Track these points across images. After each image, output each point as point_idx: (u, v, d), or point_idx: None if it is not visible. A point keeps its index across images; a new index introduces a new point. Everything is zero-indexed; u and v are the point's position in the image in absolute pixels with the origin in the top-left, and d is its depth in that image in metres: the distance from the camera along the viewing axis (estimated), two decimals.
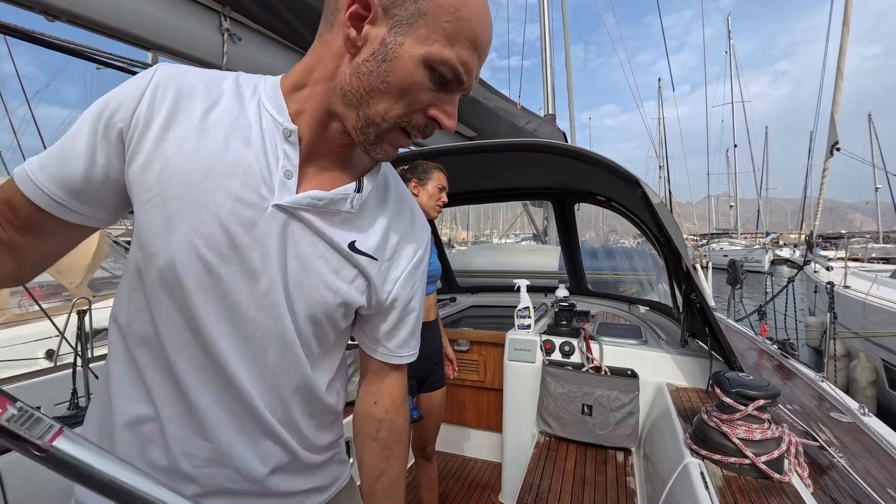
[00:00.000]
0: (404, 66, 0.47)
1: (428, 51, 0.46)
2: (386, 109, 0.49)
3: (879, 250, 15.90)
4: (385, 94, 0.48)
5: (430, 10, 0.45)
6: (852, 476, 1.09)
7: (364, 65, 0.48)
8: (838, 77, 5.86)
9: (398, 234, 0.61)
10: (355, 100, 0.49)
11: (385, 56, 0.47)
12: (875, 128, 26.12)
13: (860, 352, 5.09)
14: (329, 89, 0.51)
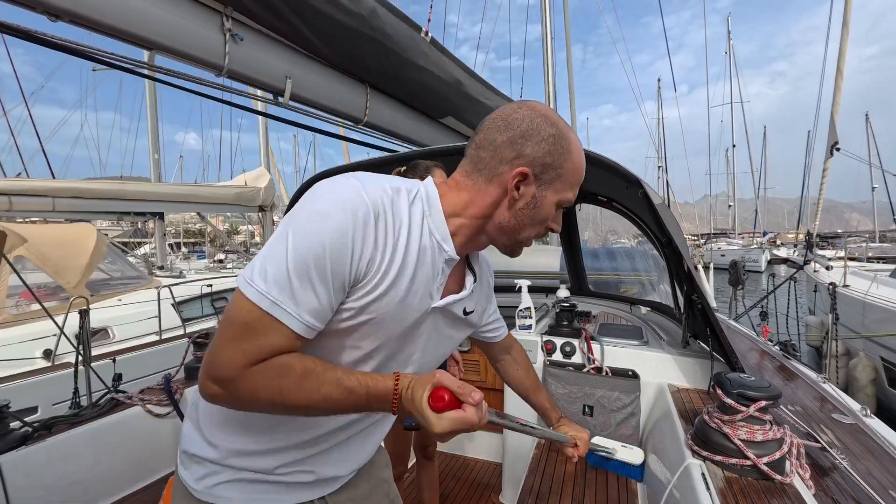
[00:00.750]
0: (547, 209, 0.72)
1: (561, 197, 0.72)
2: (529, 235, 0.75)
3: (876, 249, 15.96)
4: (531, 226, 0.73)
5: (564, 173, 0.70)
6: (854, 477, 1.10)
7: (520, 211, 0.71)
8: (838, 77, 5.87)
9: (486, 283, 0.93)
10: (510, 230, 0.73)
11: (535, 205, 0.71)
12: (872, 128, 26.20)
13: (860, 351, 5.11)
14: (482, 222, 0.72)
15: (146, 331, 4.24)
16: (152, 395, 1.81)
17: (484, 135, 0.70)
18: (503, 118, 0.69)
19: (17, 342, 3.47)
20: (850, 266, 6.28)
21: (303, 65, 1.95)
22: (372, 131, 2.51)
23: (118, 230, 16.11)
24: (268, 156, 8.99)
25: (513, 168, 0.68)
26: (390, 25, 2.06)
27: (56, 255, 4.04)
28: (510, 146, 0.68)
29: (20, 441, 1.42)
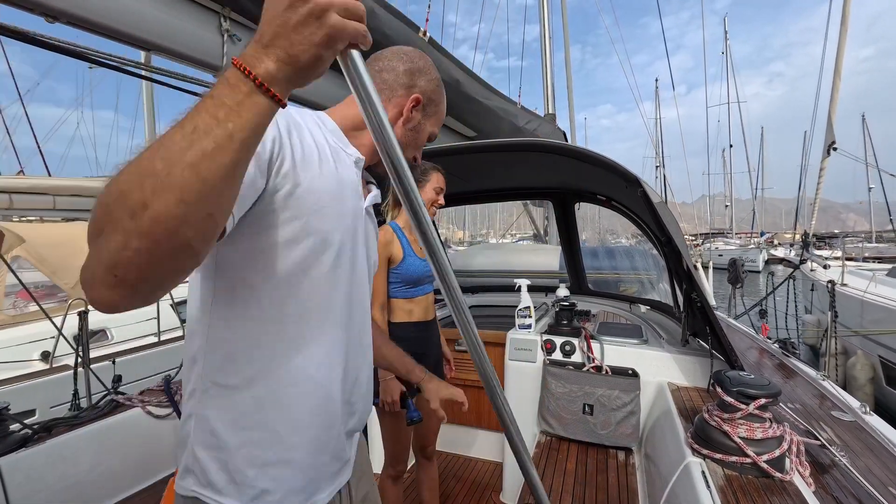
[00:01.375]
0: (423, 136, 0.87)
1: (433, 130, 0.89)
2: (407, 156, 0.73)
3: (873, 250, 16.03)
4: (410, 148, 0.85)
5: (439, 111, 0.89)
6: (854, 475, 1.10)
7: (409, 132, 0.83)
8: (835, 78, 5.89)
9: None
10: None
11: (418, 130, 0.85)
12: (868, 128, 26.30)
13: (858, 349, 5.13)
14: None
15: (145, 332, 4.23)
16: (152, 396, 1.81)
17: (387, 62, 0.80)
18: (403, 52, 0.83)
19: (14, 344, 3.46)
20: (847, 265, 6.31)
21: None
22: None
23: None
24: None
25: (410, 93, 0.81)
26: (388, 25, 2.06)
27: (54, 255, 4.02)
28: (408, 75, 0.81)
29: (20, 443, 1.41)
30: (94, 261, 0.41)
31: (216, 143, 0.41)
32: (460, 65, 2.69)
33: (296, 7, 0.43)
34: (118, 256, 0.40)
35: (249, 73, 0.43)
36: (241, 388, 0.63)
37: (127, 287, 0.42)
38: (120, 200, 0.40)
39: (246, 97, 0.43)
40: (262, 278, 0.63)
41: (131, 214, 0.39)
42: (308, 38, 0.44)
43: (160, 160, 0.40)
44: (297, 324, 0.66)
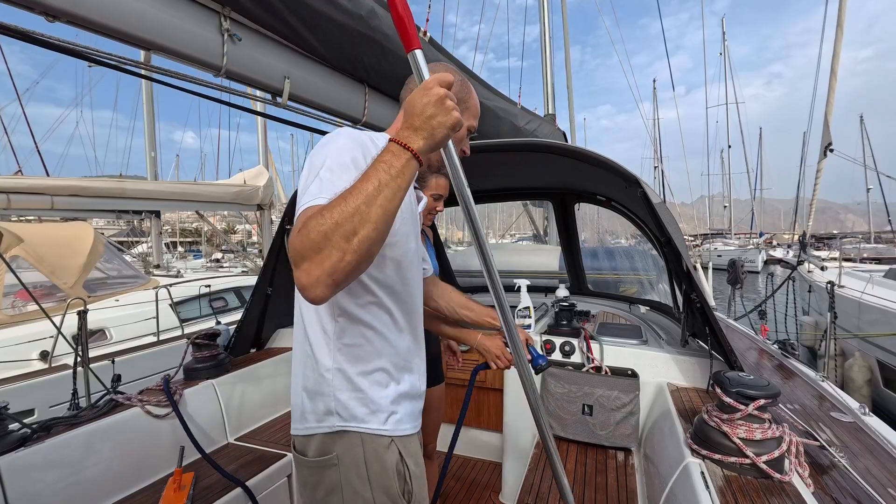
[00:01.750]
0: (461, 132, 1.03)
1: (468, 124, 1.04)
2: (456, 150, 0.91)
3: (871, 250, 16.04)
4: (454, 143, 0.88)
5: (469, 107, 1.05)
6: (853, 476, 1.10)
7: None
8: (832, 79, 5.91)
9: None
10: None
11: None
12: (867, 129, 26.34)
13: (856, 351, 5.14)
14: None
15: (144, 332, 4.22)
16: (151, 396, 1.80)
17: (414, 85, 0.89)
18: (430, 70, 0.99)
19: (12, 344, 3.44)
20: (844, 267, 6.32)
21: (301, 65, 1.95)
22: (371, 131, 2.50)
23: (114, 229, 16.03)
24: (266, 155, 8.96)
25: None
26: (389, 25, 2.06)
27: (53, 254, 4.01)
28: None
29: (19, 442, 1.41)
30: (317, 270, 0.64)
31: (392, 191, 0.68)
32: (460, 65, 2.70)
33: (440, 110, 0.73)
34: (337, 266, 0.65)
35: (409, 147, 0.71)
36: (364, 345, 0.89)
37: (337, 286, 0.67)
38: (337, 230, 0.64)
39: (406, 163, 0.70)
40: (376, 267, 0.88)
41: (346, 239, 0.65)
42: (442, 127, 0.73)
43: (363, 203, 0.66)
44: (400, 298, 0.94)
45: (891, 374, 4.72)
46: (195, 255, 18.44)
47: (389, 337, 0.92)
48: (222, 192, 6.55)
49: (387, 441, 0.90)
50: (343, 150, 0.82)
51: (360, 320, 0.89)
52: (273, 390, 2.31)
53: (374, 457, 0.88)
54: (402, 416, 0.93)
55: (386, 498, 0.88)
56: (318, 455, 0.89)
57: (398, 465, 0.90)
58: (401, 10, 0.73)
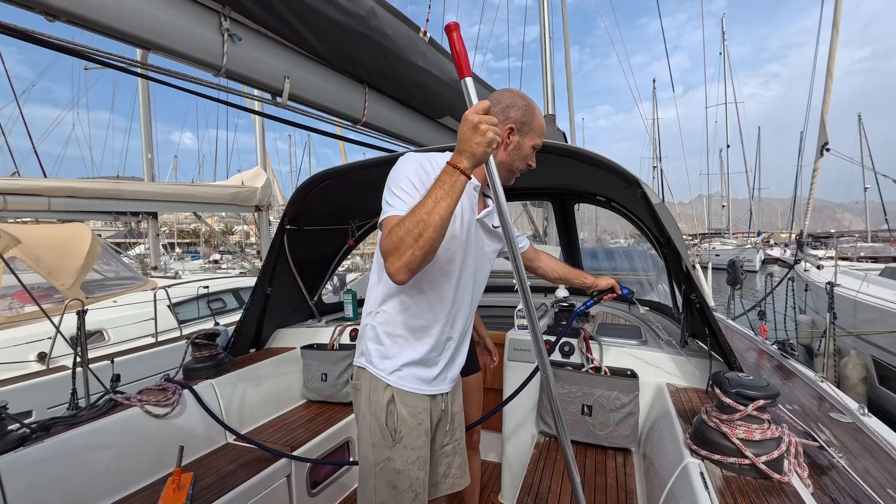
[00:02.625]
0: (525, 150, 1.22)
1: (533, 142, 1.23)
2: (518, 166, 1.25)
3: (868, 249, 16.10)
4: (518, 161, 1.23)
5: (534, 127, 1.21)
6: (852, 476, 1.11)
7: (511, 152, 1.21)
8: (828, 79, 5.94)
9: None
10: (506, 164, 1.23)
11: (519, 147, 1.21)
12: (864, 129, 26.44)
13: (851, 349, 5.17)
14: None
15: (142, 333, 4.21)
16: (151, 395, 1.80)
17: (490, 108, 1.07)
18: (496, 98, 1.19)
19: (10, 345, 3.43)
20: (840, 265, 6.34)
21: (301, 65, 1.94)
22: (370, 131, 2.50)
23: (111, 230, 15.98)
24: (264, 155, 8.94)
25: (505, 125, 1.17)
26: (389, 25, 2.06)
27: (50, 256, 3.99)
28: (502, 113, 1.18)
29: (18, 442, 1.40)
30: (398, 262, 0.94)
31: (447, 203, 0.93)
32: None
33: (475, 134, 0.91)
34: (410, 259, 0.93)
35: (457, 167, 0.93)
36: (393, 313, 1.17)
37: (412, 272, 0.96)
38: (409, 234, 0.92)
39: (457, 179, 0.94)
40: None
41: (415, 240, 0.92)
42: (479, 146, 0.92)
43: (425, 213, 0.92)
44: (431, 287, 1.16)
45: (886, 372, 4.75)
46: (193, 256, 18.38)
47: (406, 314, 1.17)
48: (220, 193, 6.55)
49: (384, 385, 1.17)
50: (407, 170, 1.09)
51: (389, 296, 1.17)
52: (272, 390, 2.31)
53: (374, 391, 1.18)
54: (406, 375, 1.18)
55: (375, 422, 1.17)
56: (354, 379, 1.25)
57: (389, 405, 1.16)
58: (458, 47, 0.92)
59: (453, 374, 1.29)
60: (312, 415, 2.28)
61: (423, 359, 1.19)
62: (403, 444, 1.17)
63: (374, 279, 1.22)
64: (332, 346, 2.47)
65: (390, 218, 1.00)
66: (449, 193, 0.93)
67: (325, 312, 3.03)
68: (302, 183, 2.37)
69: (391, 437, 1.16)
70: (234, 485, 1.60)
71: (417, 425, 1.18)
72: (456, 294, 1.19)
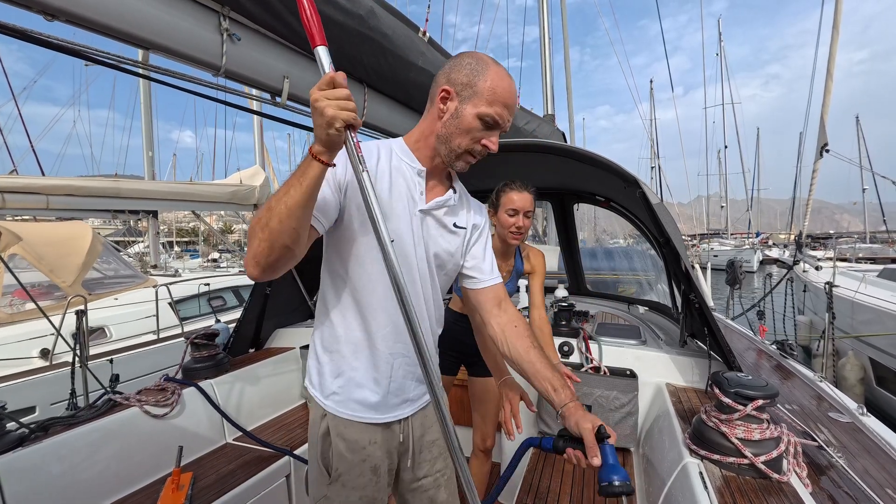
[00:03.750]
0: (467, 119, 0.92)
1: (479, 111, 0.91)
2: (459, 143, 0.94)
3: (866, 250, 16.12)
4: (458, 135, 0.93)
5: (478, 91, 0.91)
6: (851, 476, 1.11)
7: (448, 122, 0.94)
8: (828, 80, 5.93)
9: (471, 214, 1.10)
10: (444, 139, 0.95)
11: (457, 115, 0.92)
12: (862, 130, 26.47)
13: (849, 350, 5.17)
14: (432, 141, 0.97)
15: (143, 329, 4.21)
16: (150, 396, 1.80)
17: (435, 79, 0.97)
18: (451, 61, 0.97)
19: (13, 341, 3.43)
20: (839, 266, 6.35)
21: (300, 64, 1.94)
22: (370, 131, 2.50)
23: (110, 229, 15.94)
24: (263, 154, 8.93)
25: (438, 88, 0.94)
26: (388, 25, 2.06)
27: (51, 253, 3.99)
28: (443, 75, 0.95)
29: (17, 443, 1.40)
30: (248, 254, 0.82)
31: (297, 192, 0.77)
32: None
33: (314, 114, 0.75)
34: (256, 251, 0.80)
35: (310, 151, 0.78)
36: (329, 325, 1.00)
37: (260, 267, 0.81)
38: (258, 223, 0.79)
39: (309, 165, 0.78)
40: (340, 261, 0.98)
41: (262, 229, 0.79)
42: (320, 127, 0.75)
43: (274, 201, 0.78)
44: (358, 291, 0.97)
45: (884, 373, 4.76)
46: (192, 254, 18.36)
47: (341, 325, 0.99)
48: (218, 191, 6.53)
49: (321, 412, 1.01)
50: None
51: (326, 305, 1.02)
52: (271, 390, 2.31)
53: (313, 422, 1.04)
54: (344, 399, 0.99)
55: (313, 455, 1.03)
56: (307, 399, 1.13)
57: (325, 437, 1.00)
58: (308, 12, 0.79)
59: (415, 395, 1.05)
60: None
61: (362, 379, 0.98)
62: (342, 483, 0.99)
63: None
64: None
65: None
66: (300, 181, 0.77)
67: None
68: None
69: (327, 474, 0.99)
70: (233, 485, 1.59)
71: (360, 462, 0.99)
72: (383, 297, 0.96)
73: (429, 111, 0.98)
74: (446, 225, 1.03)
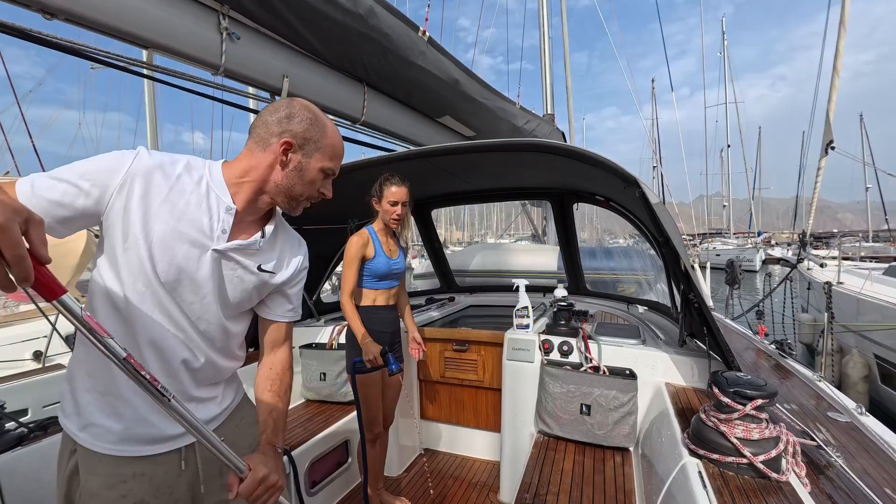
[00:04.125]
0: (311, 173, 0.95)
1: (322, 165, 0.96)
2: (301, 192, 0.96)
3: (869, 249, 16.07)
4: (301, 185, 0.95)
5: (322, 146, 0.95)
6: (849, 475, 1.10)
7: (290, 173, 0.93)
8: (834, 76, 5.90)
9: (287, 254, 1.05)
10: (285, 189, 0.94)
11: (301, 168, 0.94)
12: (866, 129, 26.35)
13: (853, 348, 5.15)
14: (260, 183, 0.93)
15: None
16: None
17: (260, 118, 0.94)
18: (273, 107, 0.95)
19: (5, 344, 3.44)
20: (844, 264, 6.32)
21: (300, 64, 1.94)
22: (370, 130, 2.50)
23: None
24: None
25: (280, 139, 0.91)
26: (388, 24, 2.06)
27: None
28: (278, 123, 0.91)
29: (15, 442, 1.40)
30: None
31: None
32: (460, 65, 2.69)
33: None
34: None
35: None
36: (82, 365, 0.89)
37: None
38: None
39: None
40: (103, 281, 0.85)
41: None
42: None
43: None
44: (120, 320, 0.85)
45: (888, 371, 4.74)
46: None
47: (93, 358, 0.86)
48: None
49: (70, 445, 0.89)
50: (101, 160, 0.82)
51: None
52: None
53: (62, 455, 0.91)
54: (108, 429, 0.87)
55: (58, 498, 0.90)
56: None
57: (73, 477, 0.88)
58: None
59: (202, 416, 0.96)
60: (311, 414, 2.28)
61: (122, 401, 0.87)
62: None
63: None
64: (330, 346, 2.47)
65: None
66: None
67: (323, 312, 3.03)
68: None
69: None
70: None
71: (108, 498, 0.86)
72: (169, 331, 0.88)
73: (258, 153, 0.92)
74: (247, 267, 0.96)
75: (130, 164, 0.83)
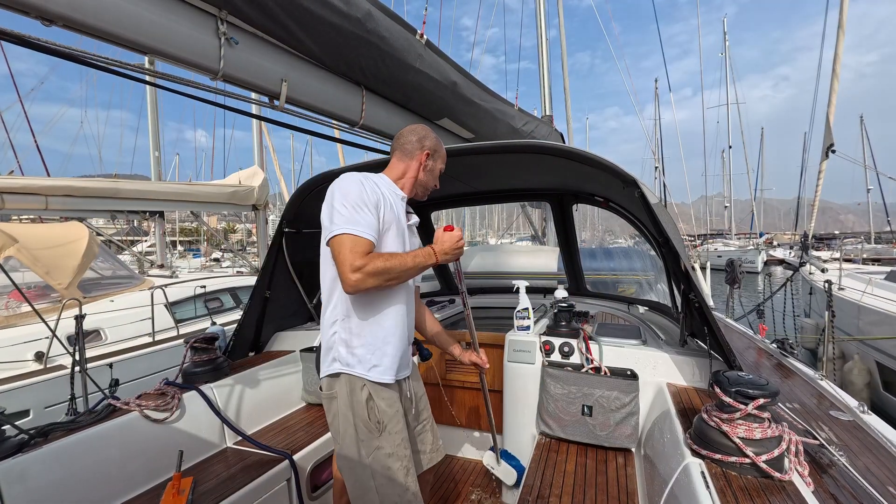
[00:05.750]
0: (435, 172, 1.56)
1: (441, 166, 1.58)
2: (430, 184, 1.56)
3: (871, 251, 16.03)
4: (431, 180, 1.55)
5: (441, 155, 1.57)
6: (853, 474, 1.10)
7: (427, 172, 1.52)
8: (833, 80, 5.90)
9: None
10: (423, 182, 1.52)
11: (432, 169, 1.54)
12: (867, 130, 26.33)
13: (855, 353, 5.12)
14: (411, 181, 1.50)
15: (139, 332, 4.21)
16: (150, 400, 1.80)
17: (404, 139, 1.49)
18: (410, 129, 1.51)
19: (8, 345, 3.43)
20: (845, 268, 6.29)
21: (298, 67, 1.95)
22: (369, 133, 2.50)
23: (114, 228, 15.97)
24: (261, 155, 8.87)
25: (423, 151, 1.48)
26: (385, 28, 2.06)
27: (47, 255, 3.98)
28: (419, 142, 1.48)
29: (16, 448, 1.40)
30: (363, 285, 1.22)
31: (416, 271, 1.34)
32: (458, 67, 2.70)
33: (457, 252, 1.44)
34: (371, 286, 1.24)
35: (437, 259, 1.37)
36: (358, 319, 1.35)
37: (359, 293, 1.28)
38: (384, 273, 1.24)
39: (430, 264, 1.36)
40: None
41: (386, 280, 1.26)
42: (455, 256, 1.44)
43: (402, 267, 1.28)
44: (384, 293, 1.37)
45: (890, 377, 4.71)
46: (195, 254, 18.48)
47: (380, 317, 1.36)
48: (217, 192, 6.51)
49: (361, 384, 1.32)
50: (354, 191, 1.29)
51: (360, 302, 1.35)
52: (272, 394, 2.31)
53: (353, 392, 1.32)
54: (376, 371, 1.34)
55: (360, 420, 1.32)
56: (327, 389, 1.37)
57: (368, 401, 1.32)
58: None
59: (406, 361, 1.49)
60: (312, 418, 2.27)
61: (389, 357, 1.37)
62: (388, 431, 1.34)
63: (329, 291, 1.38)
64: None
65: (360, 239, 1.23)
66: (420, 266, 1.31)
67: None
68: (300, 186, 2.37)
69: (377, 429, 1.33)
70: (234, 489, 1.59)
71: (395, 413, 1.37)
72: (407, 290, 1.44)
73: (406, 161, 1.47)
74: (413, 230, 1.52)
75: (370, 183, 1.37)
